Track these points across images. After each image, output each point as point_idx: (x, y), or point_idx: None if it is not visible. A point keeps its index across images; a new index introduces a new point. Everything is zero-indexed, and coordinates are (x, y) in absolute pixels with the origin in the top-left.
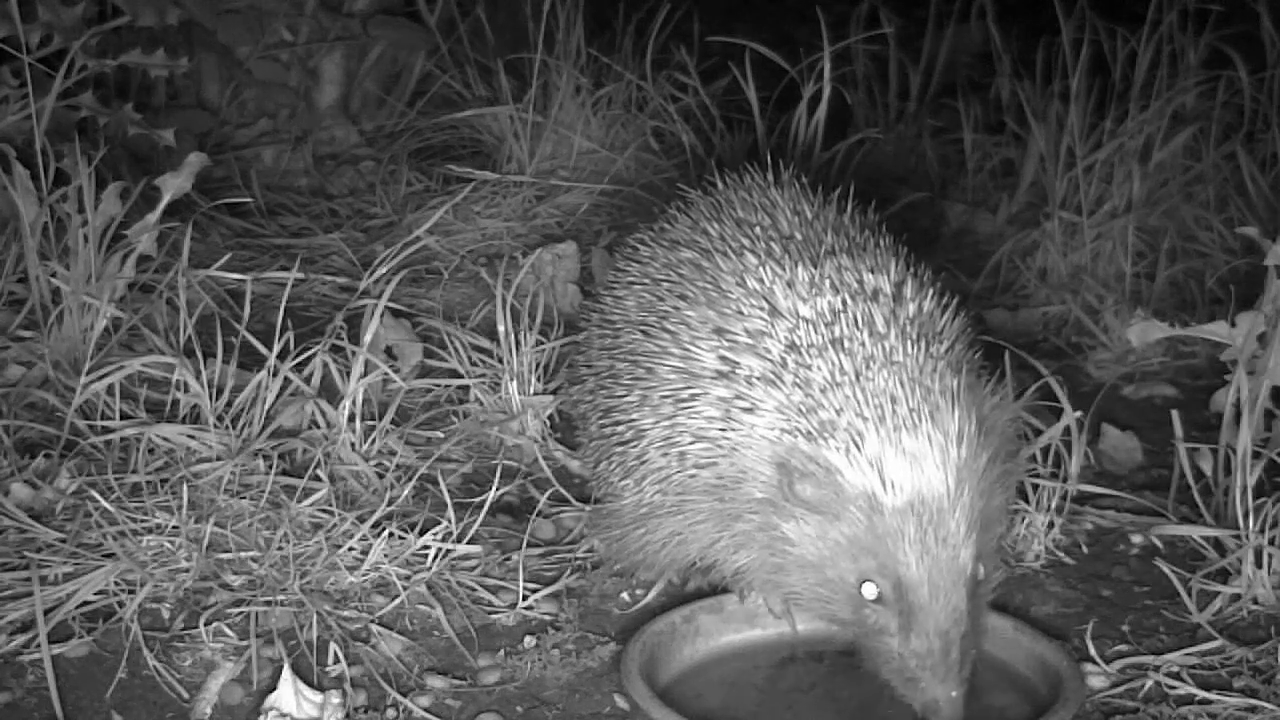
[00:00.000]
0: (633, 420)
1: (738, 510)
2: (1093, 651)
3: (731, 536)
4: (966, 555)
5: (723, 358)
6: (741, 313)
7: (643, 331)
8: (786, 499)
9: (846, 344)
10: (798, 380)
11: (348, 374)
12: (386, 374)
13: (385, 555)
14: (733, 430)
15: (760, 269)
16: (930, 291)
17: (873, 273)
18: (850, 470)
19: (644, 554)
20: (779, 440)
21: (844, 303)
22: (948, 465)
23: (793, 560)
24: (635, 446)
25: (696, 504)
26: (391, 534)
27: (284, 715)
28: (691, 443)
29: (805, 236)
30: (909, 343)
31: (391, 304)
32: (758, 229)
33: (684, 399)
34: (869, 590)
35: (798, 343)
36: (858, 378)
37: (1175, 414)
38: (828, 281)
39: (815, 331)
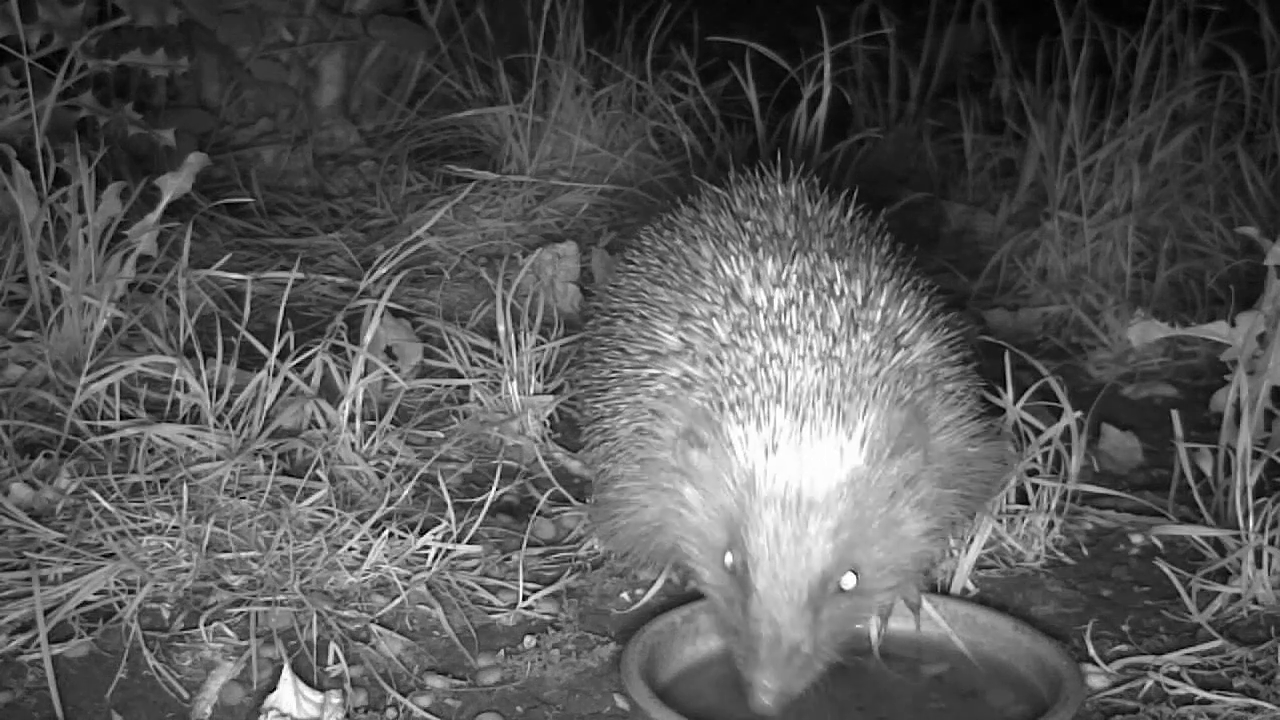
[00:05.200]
0: (610, 399)
1: (659, 482)
2: (1092, 651)
3: (663, 511)
4: (818, 558)
5: (681, 339)
6: (705, 298)
7: (624, 318)
8: (677, 462)
9: (789, 333)
10: (732, 360)
11: (348, 374)
12: (386, 374)
13: (385, 555)
14: (669, 404)
15: (737, 259)
16: (905, 302)
17: (848, 276)
18: (742, 449)
19: (629, 535)
20: (696, 409)
21: (804, 297)
22: (837, 468)
23: (686, 524)
24: (609, 422)
25: (643, 479)
26: (391, 534)
27: (284, 715)
28: (648, 419)
29: (797, 233)
30: (856, 343)
31: (391, 304)
32: (751, 223)
33: (644, 378)
34: (727, 559)
35: (743, 326)
36: (787, 364)
37: (1175, 414)
38: (795, 276)
39: (762, 318)
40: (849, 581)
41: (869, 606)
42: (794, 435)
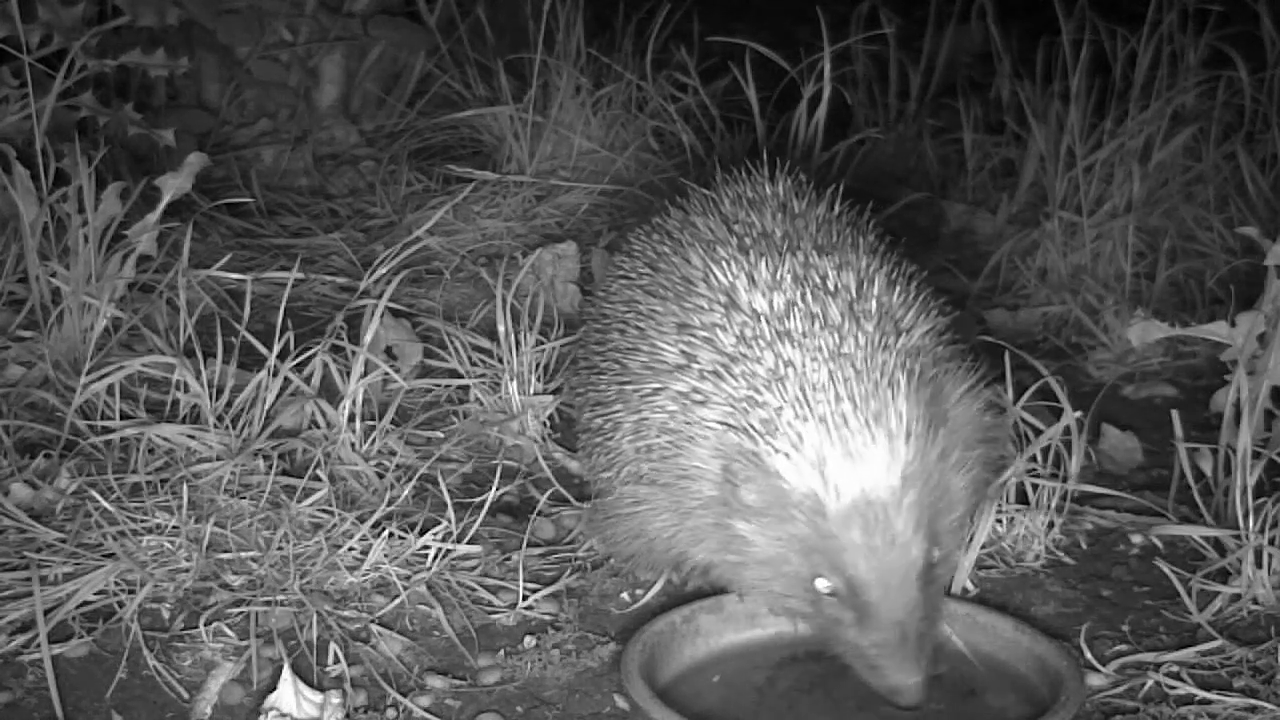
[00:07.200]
0: (610, 414)
1: (690, 506)
2: (1089, 654)
3: (690, 531)
4: (916, 551)
5: (683, 352)
6: (702, 307)
7: (619, 329)
8: (730, 503)
9: (795, 338)
10: (744, 373)
11: (348, 374)
12: (386, 374)
13: (385, 555)
14: (686, 424)
15: (729, 263)
16: (898, 289)
17: (839, 269)
18: (791, 473)
19: (634, 546)
20: (724, 437)
21: (801, 297)
22: (893, 463)
23: (750, 557)
24: (611, 439)
25: (656, 498)
26: (391, 534)
27: (284, 715)
28: (656, 436)
29: (785, 232)
30: (861, 335)
31: (391, 304)
32: (738, 225)
33: (647, 393)
34: (822, 584)
35: (748, 335)
36: (802, 372)
37: (1175, 414)
38: (789, 276)
39: (767, 325)
40: (934, 555)
41: (951, 564)
42: (841, 448)
